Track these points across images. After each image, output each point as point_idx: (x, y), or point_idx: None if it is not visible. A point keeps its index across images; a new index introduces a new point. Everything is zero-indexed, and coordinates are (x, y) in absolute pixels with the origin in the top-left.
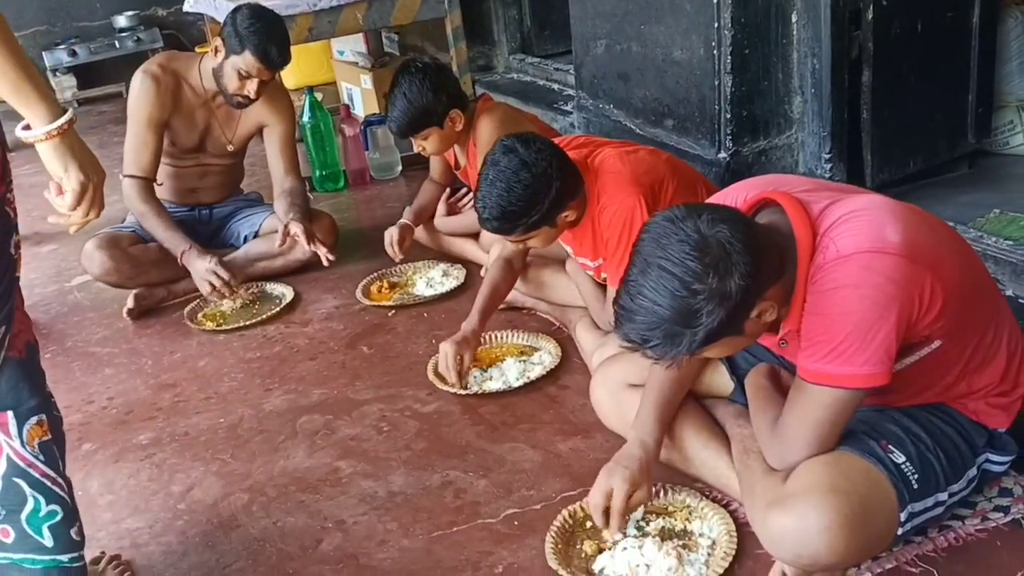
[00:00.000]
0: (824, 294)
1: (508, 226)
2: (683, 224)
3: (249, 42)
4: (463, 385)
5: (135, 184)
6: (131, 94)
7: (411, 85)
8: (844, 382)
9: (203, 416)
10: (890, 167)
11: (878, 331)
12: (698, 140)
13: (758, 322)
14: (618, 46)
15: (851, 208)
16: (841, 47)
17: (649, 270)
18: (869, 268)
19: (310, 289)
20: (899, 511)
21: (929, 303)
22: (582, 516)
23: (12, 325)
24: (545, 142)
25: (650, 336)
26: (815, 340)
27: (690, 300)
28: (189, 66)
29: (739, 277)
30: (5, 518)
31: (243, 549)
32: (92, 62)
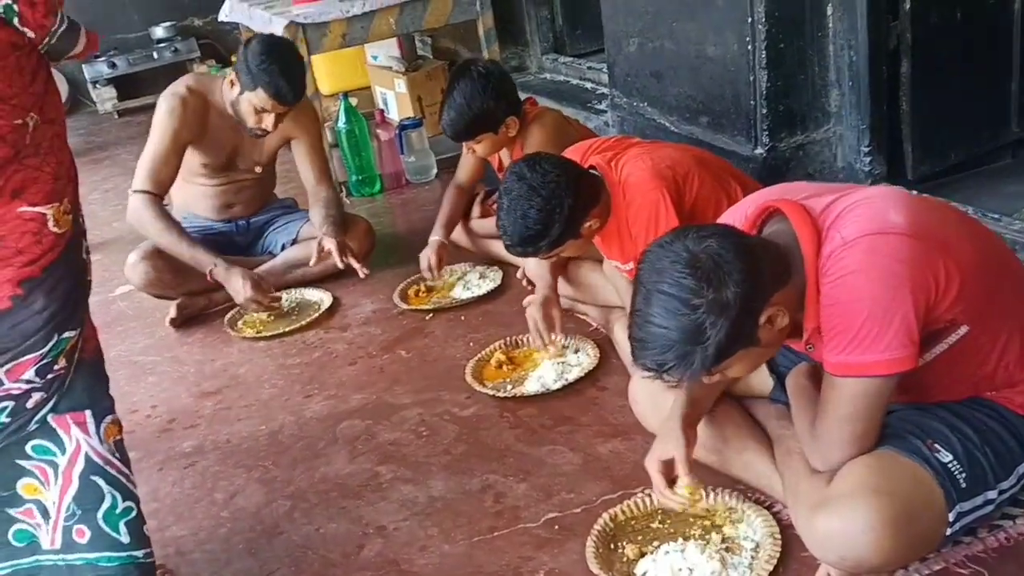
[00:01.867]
0: (835, 283)
1: (531, 249)
2: (672, 246)
3: (261, 80)
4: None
5: (145, 199)
6: (158, 114)
7: (471, 90)
8: (869, 370)
9: (244, 423)
10: (931, 159)
11: (895, 313)
12: (734, 136)
13: (771, 329)
14: (651, 44)
15: (853, 199)
16: (878, 38)
17: (650, 297)
18: (875, 251)
19: (348, 294)
20: (947, 511)
21: (946, 284)
22: (623, 519)
23: (85, 329)
24: (552, 160)
25: (664, 360)
26: (835, 331)
27: (692, 316)
28: (214, 89)
29: (734, 285)
30: (80, 518)
31: (286, 556)
32: (131, 73)
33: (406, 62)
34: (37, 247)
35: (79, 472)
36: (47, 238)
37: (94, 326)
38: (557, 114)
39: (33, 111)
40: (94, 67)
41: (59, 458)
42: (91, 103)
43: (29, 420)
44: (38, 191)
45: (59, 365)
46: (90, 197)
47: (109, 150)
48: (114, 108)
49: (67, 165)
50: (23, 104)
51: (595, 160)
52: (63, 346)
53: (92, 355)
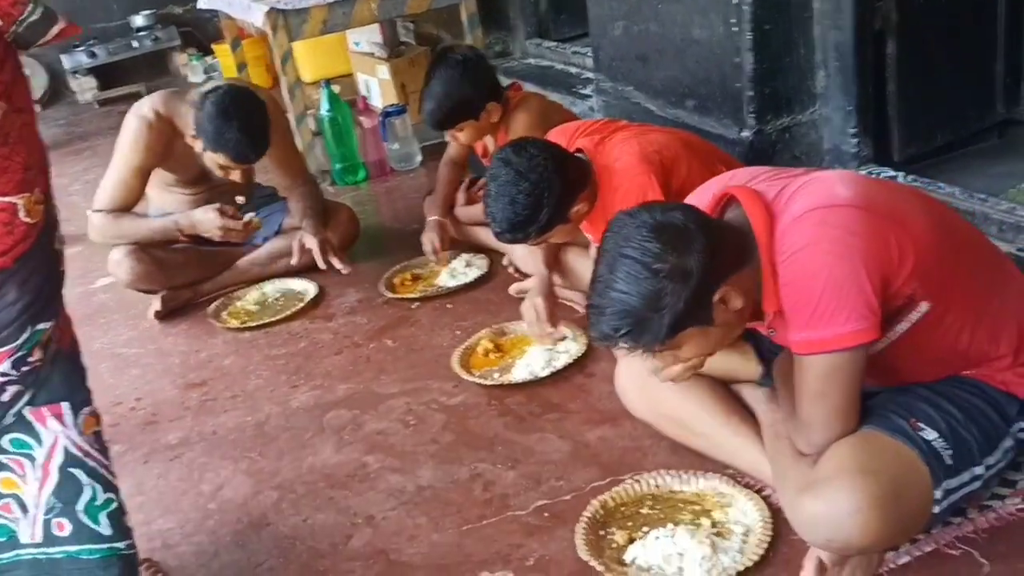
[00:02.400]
0: (788, 260)
1: (520, 235)
2: (638, 215)
3: (220, 145)
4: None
5: (102, 215)
6: (123, 135)
7: (449, 78)
8: (833, 344)
9: (231, 415)
10: (918, 140)
11: (851, 284)
12: (720, 120)
13: (726, 311)
14: (636, 27)
15: (804, 180)
16: (864, 19)
17: (614, 262)
18: (824, 223)
19: (333, 284)
20: (933, 489)
21: (899, 256)
22: (613, 505)
23: (60, 320)
24: (538, 145)
25: (620, 325)
26: (795, 310)
27: (653, 280)
28: (184, 113)
29: (696, 254)
30: (61, 511)
31: (274, 547)
32: (112, 63)
33: (388, 48)
34: (8, 238)
35: (57, 465)
36: (18, 228)
37: (69, 317)
38: (541, 98)
39: (1, 100)
40: (74, 57)
41: (36, 451)
42: (71, 93)
43: (4, 413)
44: (8, 181)
45: (34, 357)
46: (71, 188)
47: (90, 140)
48: (95, 98)
49: (38, 154)
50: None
51: (582, 143)
52: (38, 338)
53: (68, 346)
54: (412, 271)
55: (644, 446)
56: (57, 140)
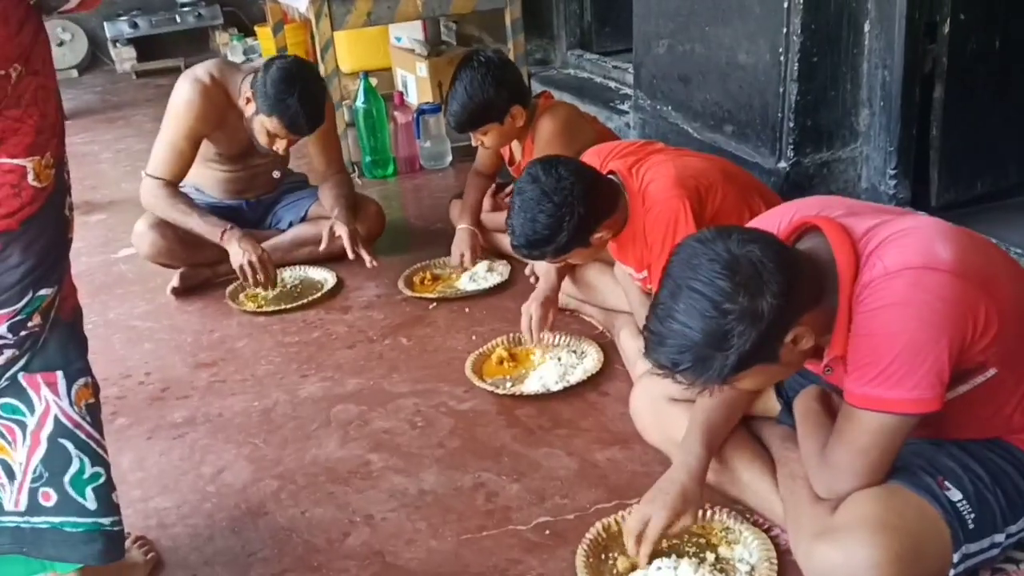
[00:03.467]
0: (870, 313)
1: (537, 253)
2: (712, 244)
3: (277, 109)
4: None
5: (160, 183)
6: (176, 98)
7: (472, 79)
8: (893, 407)
9: (238, 398)
10: (957, 187)
11: (929, 353)
12: (758, 148)
13: (794, 350)
14: (681, 47)
15: (899, 228)
16: (914, 60)
17: (679, 292)
18: (918, 285)
19: (352, 276)
20: (952, 552)
21: (984, 326)
22: (616, 530)
23: (63, 287)
24: (569, 166)
25: (680, 360)
26: (862, 363)
27: (720, 321)
28: (236, 81)
29: (771, 296)
30: (48, 480)
31: (269, 537)
32: (152, 35)
33: (429, 46)
34: (15, 200)
35: (47, 434)
36: (26, 191)
37: (74, 286)
38: (570, 107)
39: (17, 62)
40: (116, 26)
41: (28, 419)
42: (110, 62)
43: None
44: (18, 143)
45: (33, 322)
46: (101, 156)
47: (124, 111)
48: (132, 69)
49: (52, 119)
50: (6, 54)
51: (615, 165)
52: (38, 304)
53: (69, 315)
54: (432, 271)
55: (654, 472)
56: (92, 107)
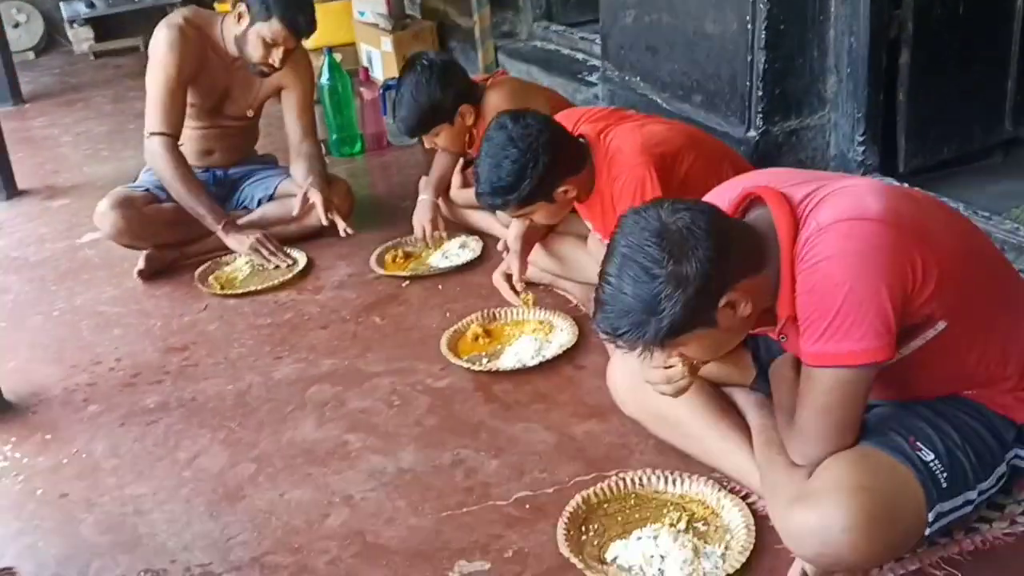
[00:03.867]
0: (810, 270)
1: (499, 200)
2: (646, 214)
3: (276, 9)
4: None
5: (164, 143)
6: (156, 47)
7: (417, 83)
8: (845, 360)
9: (211, 382)
10: (924, 152)
11: (871, 302)
12: (727, 117)
13: (732, 315)
14: (647, 17)
15: (835, 187)
16: (880, 26)
17: (616, 260)
18: (850, 236)
19: (323, 255)
20: (927, 511)
21: (923, 276)
22: (596, 502)
23: None
24: (538, 117)
25: (619, 324)
26: (810, 320)
27: (650, 285)
28: (212, 24)
29: (696, 262)
30: None
31: (248, 521)
32: (110, 15)
33: (394, 20)
34: None
35: None
36: None
37: None
38: (517, 80)
39: None
40: (72, 6)
41: None
42: (67, 43)
43: None
44: None
45: None
46: (61, 140)
47: (84, 92)
48: (91, 49)
49: None
50: None
51: (585, 129)
52: None
53: None
54: (404, 248)
55: (631, 443)
56: (50, 90)
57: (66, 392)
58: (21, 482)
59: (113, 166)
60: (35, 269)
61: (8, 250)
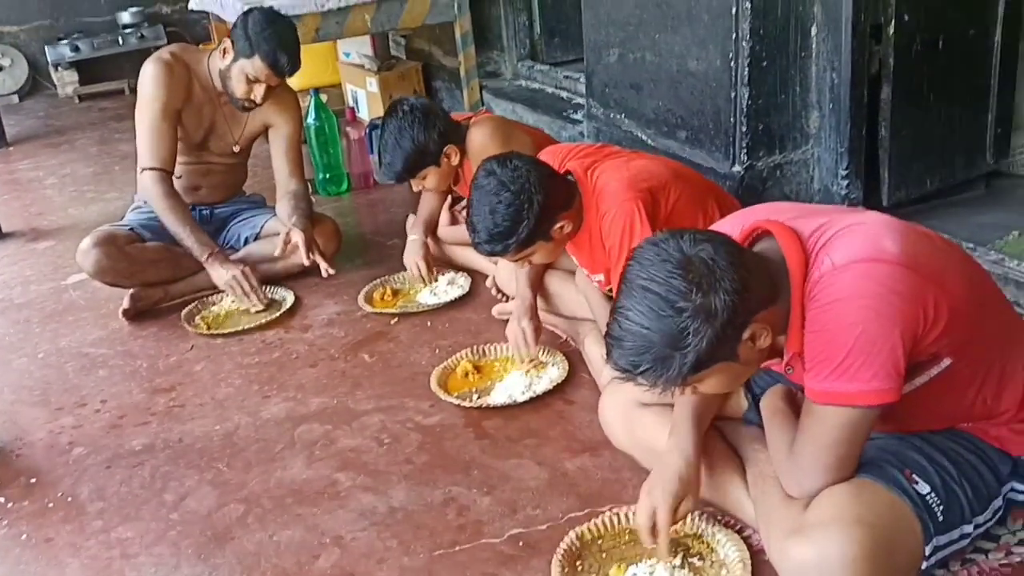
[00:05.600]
0: (823, 308)
1: (499, 247)
2: (665, 245)
3: (259, 48)
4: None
5: (155, 177)
6: (144, 82)
7: (401, 129)
8: (853, 400)
9: (198, 422)
10: (907, 185)
11: (884, 344)
12: (712, 153)
13: (752, 348)
14: (631, 55)
15: (846, 223)
16: (861, 61)
17: (634, 294)
18: (867, 277)
19: (311, 294)
20: (924, 544)
21: (935, 317)
22: (590, 538)
23: None
24: (523, 159)
25: (640, 361)
26: (819, 358)
27: (676, 319)
28: (198, 60)
29: (724, 293)
30: None
31: (237, 563)
32: (95, 58)
33: (379, 61)
34: None
35: None
36: None
37: None
38: (498, 118)
39: None
40: (56, 49)
41: None
42: (51, 86)
43: None
44: None
45: None
46: (46, 182)
47: (68, 135)
48: (75, 92)
49: None
50: None
51: (571, 166)
52: None
53: None
54: (392, 286)
55: (624, 478)
56: (35, 132)
57: (51, 435)
58: (5, 527)
59: (98, 208)
60: (20, 311)
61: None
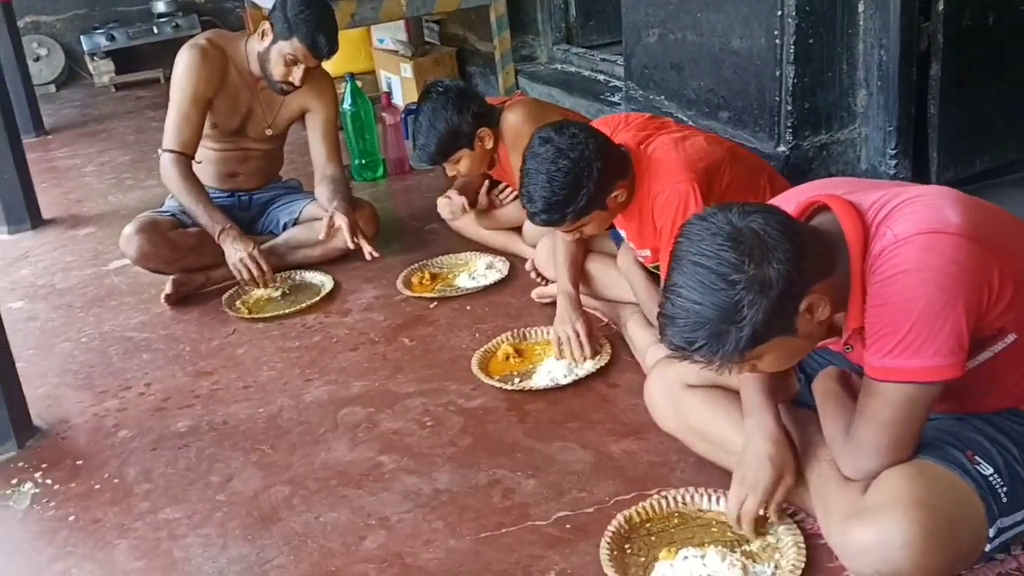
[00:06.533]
0: (885, 282)
1: (556, 216)
2: (714, 219)
3: (298, 29)
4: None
5: (173, 159)
6: (177, 67)
7: (435, 111)
8: (915, 376)
9: (242, 405)
10: (956, 165)
11: (947, 318)
12: (755, 133)
13: (810, 321)
14: (672, 35)
15: (907, 196)
16: (910, 39)
17: (686, 270)
18: (930, 250)
19: (349, 278)
20: (988, 526)
21: (999, 290)
22: (638, 521)
23: None
24: (580, 126)
25: (694, 338)
26: (880, 334)
27: (730, 292)
28: (236, 45)
29: (778, 263)
30: None
31: (284, 544)
32: (130, 47)
33: (413, 47)
34: None
35: None
36: None
37: None
38: (533, 100)
39: None
40: (92, 39)
41: None
42: (88, 75)
43: None
44: None
45: None
46: (85, 170)
47: (105, 123)
48: (111, 81)
49: None
50: None
51: (624, 138)
52: None
53: None
54: (430, 270)
55: (671, 461)
56: (72, 121)
57: (96, 418)
58: (53, 508)
59: (138, 195)
60: (62, 296)
61: (34, 278)
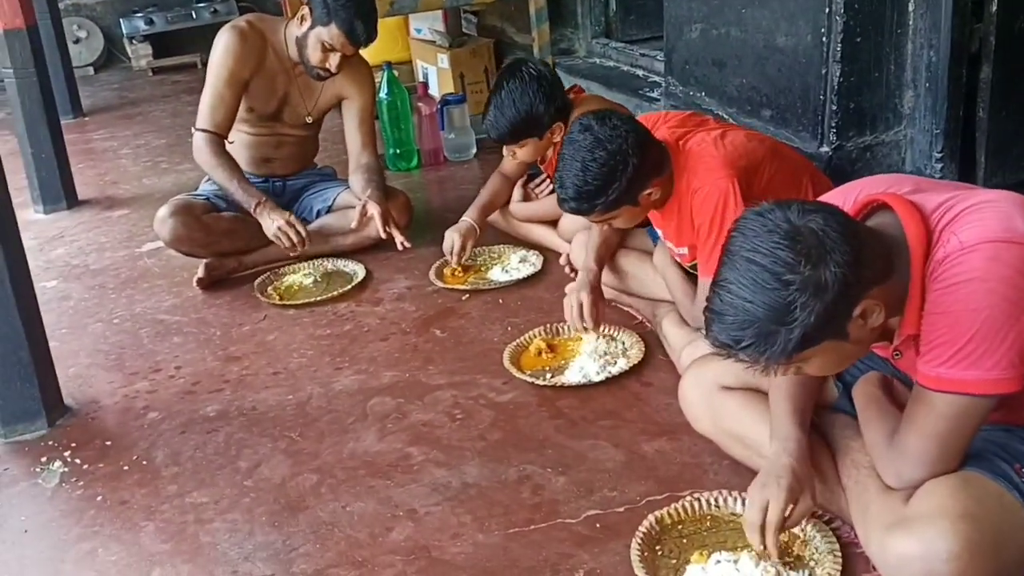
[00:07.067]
0: (947, 290)
1: (586, 206)
2: (772, 215)
3: (337, 15)
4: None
5: (206, 138)
6: (216, 48)
7: (523, 92)
8: (971, 388)
9: (271, 392)
10: (1004, 170)
11: (1009, 330)
12: (798, 132)
13: (863, 326)
14: (715, 31)
15: (974, 201)
16: (961, 40)
17: (738, 266)
18: (997, 259)
19: (381, 268)
20: None
21: None
22: (670, 523)
23: None
24: (623, 118)
25: (742, 336)
26: (938, 342)
27: (782, 292)
28: (275, 29)
29: (835, 266)
30: None
31: (311, 532)
32: (168, 31)
33: (450, 37)
34: None
35: None
36: None
37: None
38: (601, 98)
39: None
40: (131, 22)
41: None
42: (126, 59)
43: None
44: None
45: None
46: (120, 152)
47: (141, 107)
48: (149, 65)
49: None
50: None
51: (663, 134)
52: None
53: None
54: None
55: (704, 463)
56: (109, 104)
57: (126, 399)
58: (81, 488)
59: (172, 178)
60: (96, 277)
61: (69, 257)
